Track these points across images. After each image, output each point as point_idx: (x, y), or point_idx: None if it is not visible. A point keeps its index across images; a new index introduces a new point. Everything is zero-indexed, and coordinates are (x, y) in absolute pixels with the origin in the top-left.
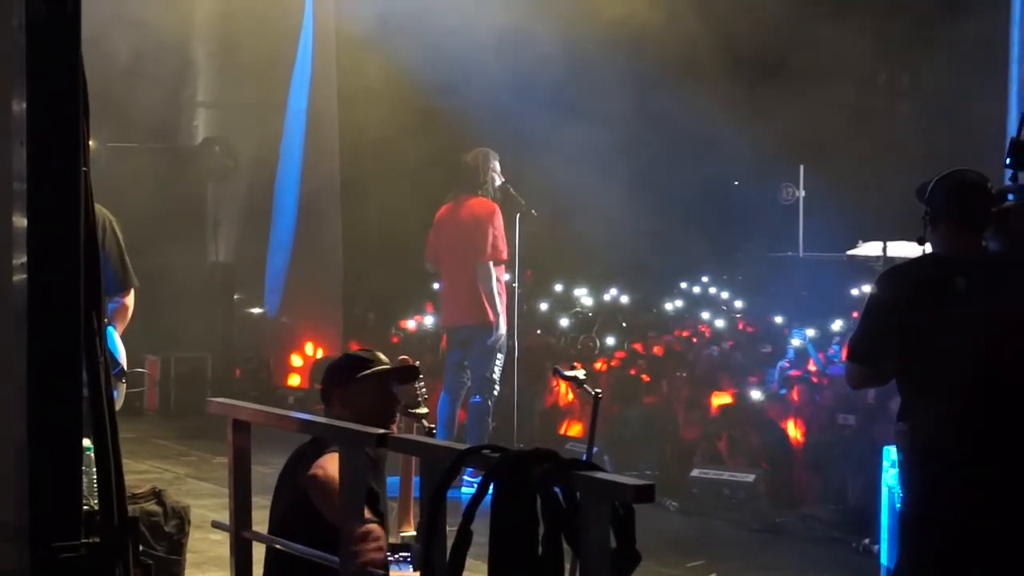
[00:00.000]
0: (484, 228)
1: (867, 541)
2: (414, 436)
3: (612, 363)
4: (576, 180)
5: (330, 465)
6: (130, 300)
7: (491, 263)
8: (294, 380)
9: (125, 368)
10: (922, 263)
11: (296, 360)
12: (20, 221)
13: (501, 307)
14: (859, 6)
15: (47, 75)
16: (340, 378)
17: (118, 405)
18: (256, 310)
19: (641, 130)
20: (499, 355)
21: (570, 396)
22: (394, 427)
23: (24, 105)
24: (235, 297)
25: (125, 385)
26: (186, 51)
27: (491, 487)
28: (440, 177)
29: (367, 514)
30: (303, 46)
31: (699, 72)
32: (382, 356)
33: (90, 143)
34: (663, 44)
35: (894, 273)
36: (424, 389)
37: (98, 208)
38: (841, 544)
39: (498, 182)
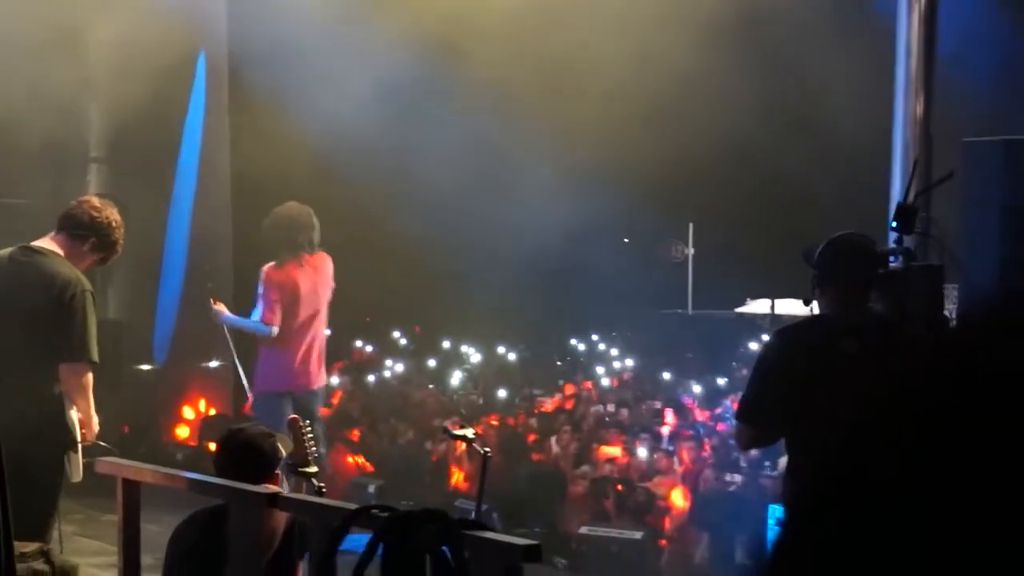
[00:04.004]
0: (330, 284)
1: None
2: (304, 496)
3: (504, 420)
4: (465, 234)
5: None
6: (77, 372)
7: None
8: (183, 435)
9: (78, 439)
10: (811, 325)
11: (186, 416)
12: None
13: None
14: (748, 67)
15: None
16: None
17: (74, 476)
18: (145, 366)
19: (530, 184)
20: None
21: (459, 452)
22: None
23: None
24: (124, 354)
25: (79, 456)
26: (78, 107)
27: (381, 547)
28: (335, 230)
29: None
30: (194, 101)
31: (586, 128)
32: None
33: None
34: (551, 96)
35: (783, 335)
36: (314, 448)
37: (74, 273)
38: None
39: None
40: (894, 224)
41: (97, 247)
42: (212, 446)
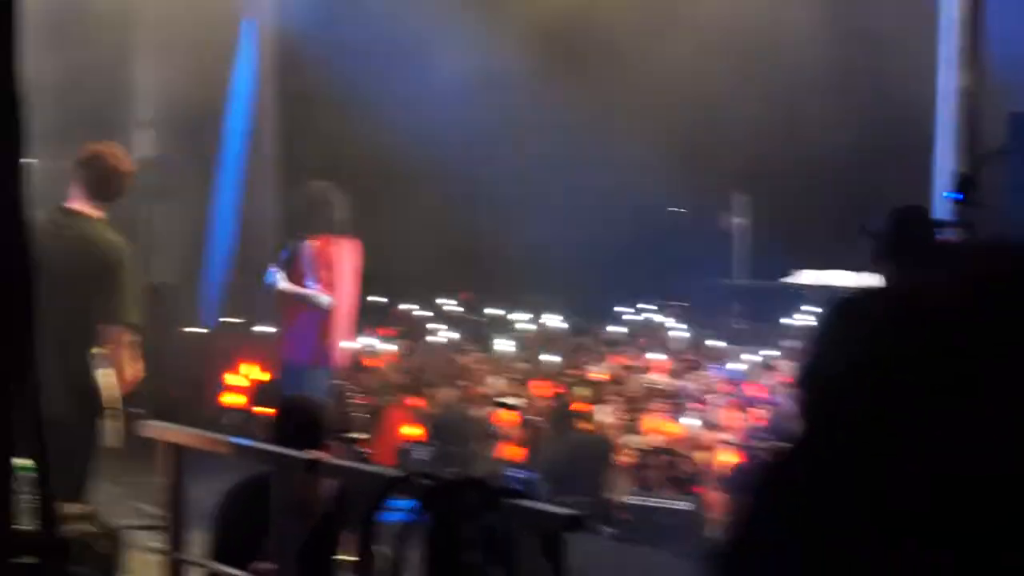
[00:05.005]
0: (356, 262)
1: None
2: (345, 462)
3: (552, 389)
4: (516, 204)
5: None
6: (117, 335)
7: None
8: (232, 401)
9: (103, 405)
10: (871, 295)
11: (235, 381)
12: None
13: None
14: (796, 37)
15: None
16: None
17: (111, 441)
18: (195, 330)
19: (581, 156)
20: None
21: (507, 420)
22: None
23: None
24: (172, 317)
25: (117, 420)
26: (125, 70)
27: (424, 514)
28: (386, 199)
29: None
30: (242, 69)
31: (645, 101)
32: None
33: (28, 161)
34: (609, 72)
35: (848, 304)
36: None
37: (112, 237)
38: None
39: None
40: (956, 195)
41: (91, 180)
42: (261, 411)
